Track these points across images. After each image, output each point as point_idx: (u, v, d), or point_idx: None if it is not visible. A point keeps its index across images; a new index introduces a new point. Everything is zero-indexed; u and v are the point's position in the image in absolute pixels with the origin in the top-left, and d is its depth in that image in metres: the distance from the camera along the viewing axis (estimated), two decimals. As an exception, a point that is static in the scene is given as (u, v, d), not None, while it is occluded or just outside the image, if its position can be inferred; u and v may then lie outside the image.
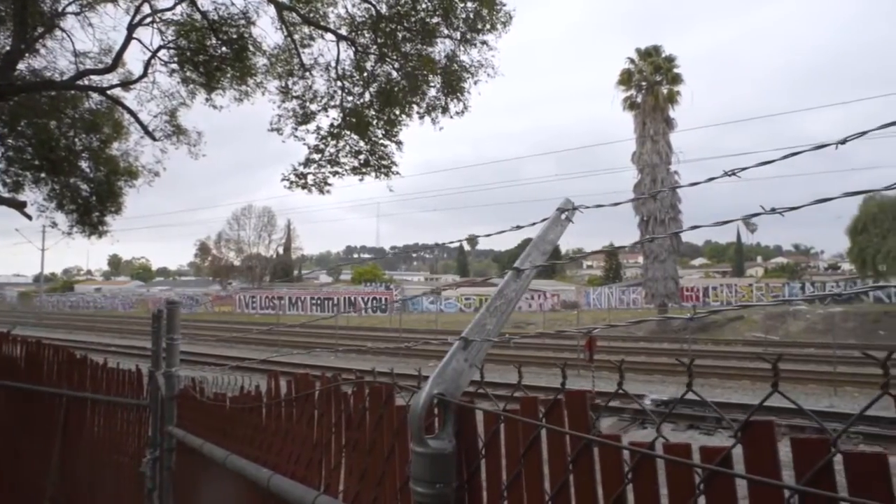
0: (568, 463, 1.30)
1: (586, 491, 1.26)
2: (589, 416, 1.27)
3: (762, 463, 0.99)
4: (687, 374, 1.06)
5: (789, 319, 35.37)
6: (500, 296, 1.71)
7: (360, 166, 15.06)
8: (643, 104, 36.13)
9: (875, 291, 42.68)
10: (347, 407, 2.25)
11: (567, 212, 1.85)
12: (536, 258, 1.77)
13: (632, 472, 1.17)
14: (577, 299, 56.80)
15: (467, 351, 1.59)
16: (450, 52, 14.25)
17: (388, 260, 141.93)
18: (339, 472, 2.30)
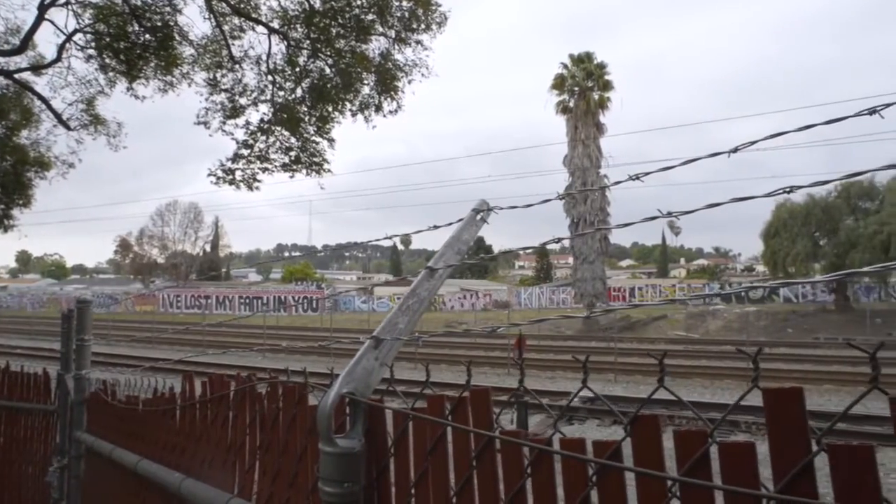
0: (472, 459, 1.32)
1: (489, 485, 1.29)
2: (491, 412, 1.30)
3: (648, 454, 1.03)
4: (583, 372, 1.09)
5: (709, 318, 37.08)
6: (412, 295, 1.71)
7: (290, 163, 14.77)
8: (575, 109, 37.04)
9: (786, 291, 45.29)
10: (261, 407, 2.21)
11: (482, 213, 1.88)
12: (451, 258, 1.78)
13: (531, 467, 1.20)
14: (508, 299, 57.66)
15: (378, 350, 1.59)
16: (384, 51, 14.17)
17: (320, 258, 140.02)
18: (254, 473, 2.26)
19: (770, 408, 0.91)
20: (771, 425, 0.91)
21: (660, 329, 36.08)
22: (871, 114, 1.20)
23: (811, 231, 35.55)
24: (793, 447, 0.89)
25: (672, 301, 1.56)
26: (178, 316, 57.35)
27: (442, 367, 21.38)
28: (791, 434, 0.89)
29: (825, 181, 1.16)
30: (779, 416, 0.90)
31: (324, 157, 14.71)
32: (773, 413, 0.91)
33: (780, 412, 0.90)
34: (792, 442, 0.89)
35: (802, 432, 0.89)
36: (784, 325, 35.46)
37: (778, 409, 0.91)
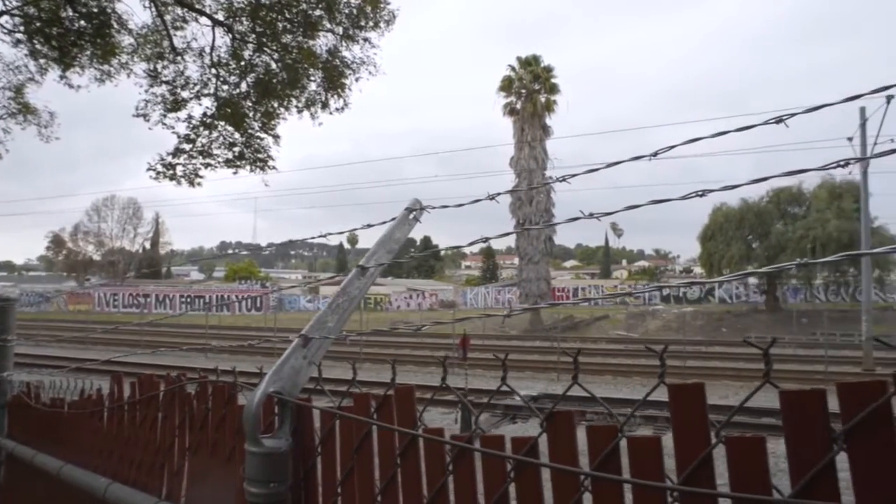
0: (396, 457, 1.33)
1: (412, 483, 1.30)
2: (415, 410, 1.31)
3: (562, 449, 1.06)
4: (502, 370, 1.11)
5: (648, 318, 38.15)
6: (343, 293, 1.71)
7: (234, 159, 14.44)
8: (522, 111, 37.52)
9: (721, 293, 47.05)
10: (191, 408, 2.16)
11: (415, 212, 1.89)
12: (382, 256, 1.79)
13: (452, 465, 1.22)
14: (454, 299, 57.94)
15: (307, 349, 1.58)
16: (332, 47, 14.02)
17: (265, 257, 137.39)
18: (182, 475, 2.21)
19: (674, 403, 0.96)
20: (675, 419, 0.95)
21: (602, 329, 36.93)
22: (778, 122, 1.27)
23: (745, 234, 37.03)
24: (694, 440, 0.93)
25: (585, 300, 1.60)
26: (114, 315, 55.30)
27: (386, 367, 21.30)
28: (692, 427, 0.94)
29: (734, 186, 1.22)
30: (682, 411, 0.95)
31: (269, 154, 14.45)
32: (676, 408, 0.95)
33: (683, 407, 0.95)
34: (693, 435, 0.94)
35: (703, 426, 0.93)
36: (719, 324, 36.84)
37: (681, 404, 0.95)
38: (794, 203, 37.14)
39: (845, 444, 0.82)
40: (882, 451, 0.79)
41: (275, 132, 14.40)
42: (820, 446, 0.83)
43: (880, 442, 0.79)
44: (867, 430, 0.80)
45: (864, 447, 0.80)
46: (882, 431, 0.79)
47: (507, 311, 1.36)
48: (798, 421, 0.85)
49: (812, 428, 0.84)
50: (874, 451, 0.80)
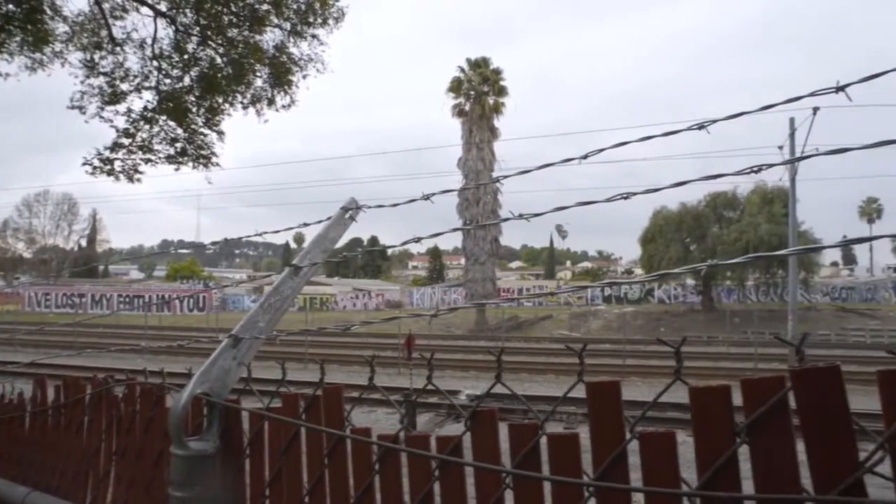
0: (324, 458, 1.32)
1: (340, 483, 1.29)
2: (343, 409, 1.30)
3: (485, 448, 1.08)
4: (428, 368, 1.12)
5: (591, 318, 38.96)
6: (275, 293, 1.69)
7: (176, 155, 13.99)
8: (471, 112, 37.74)
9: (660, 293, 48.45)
10: (118, 411, 2.09)
11: (351, 211, 1.87)
12: (316, 256, 1.77)
13: (379, 464, 1.22)
14: (401, 299, 57.79)
15: (237, 349, 1.55)
16: (279, 43, 13.77)
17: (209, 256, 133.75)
18: (108, 481, 2.13)
19: (591, 400, 0.98)
20: (592, 416, 0.98)
21: (545, 328, 37.50)
22: (700, 129, 1.32)
23: (683, 237, 38.26)
24: (609, 436, 0.96)
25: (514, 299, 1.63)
26: (47, 316, 52.83)
27: (334, 367, 21.07)
28: (608, 424, 0.97)
29: (657, 188, 1.27)
30: (598, 408, 0.98)
31: (212, 150, 14.06)
32: (593, 405, 0.98)
33: (599, 404, 0.98)
34: (609, 431, 0.96)
35: (618, 422, 0.96)
36: (658, 324, 37.94)
37: (597, 401, 0.98)
38: (729, 207, 38.59)
39: (748, 437, 0.86)
40: (780, 442, 0.83)
41: (219, 128, 14.04)
42: (725, 439, 0.87)
43: (778, 434, 0.84)
44: (767, 423, 0.84)
45: (764, 439, 0.84)
46: (780, 424, 0.84)
47: (434, 312, 1.37)
48: (705, 416, 0.89)
49: (718, 422, 0.88)
50: (773, 442, 0.84)
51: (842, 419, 0.80)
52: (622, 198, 1.25)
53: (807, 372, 0.82)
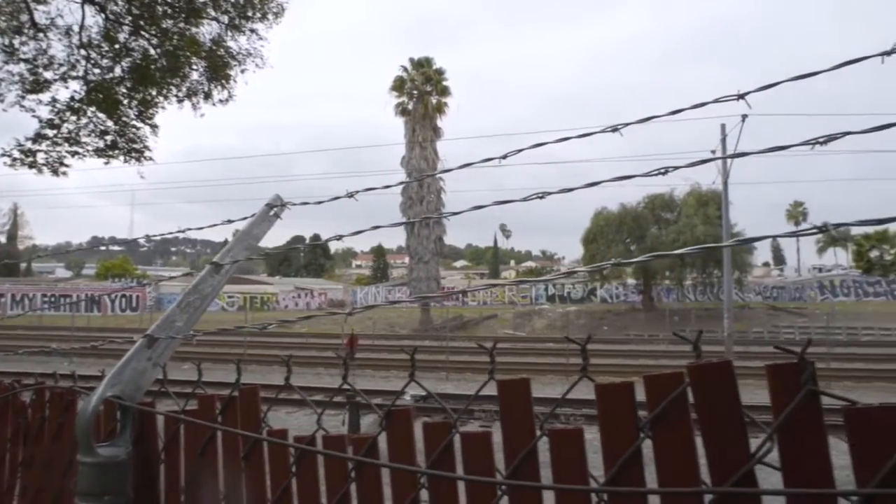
0: (241, 460, 1.28)
1: (257, 486, 1.26)
2: (259, 411, 1.27)
3: (401, 447, 1.07)
4: (343, 368, 1.10)
5: (535, 317, 39.52)
6: (194, 291, 1.63)
7: (106, 148, 13.42)
8: (414, 111, 37.70)
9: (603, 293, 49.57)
10: (25, 418, 1.98)
11: (276, 208, 1.83)
12: (239, 253, 1.72)
13: (295, 466, 1.19)
14: (344, 298, 57.21)
15: (152, 349, 1.49)
16: (216, 36, 13.39)
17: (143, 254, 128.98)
18: (13, 496, 2.01)
19: (501, 398, 0.99)
20: (503, 414, 0.98)
21: (490, 328, 37.83)
22: (613, 131, 1.35)
23: (624, 237, 39.26)
24: (520, 433, 0.97)
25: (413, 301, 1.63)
26: (-38, 316, 49.78)
27: (274, 368, 20.69)
28: (519, 421, 0.97)
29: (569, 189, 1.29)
30: (509, 406, 0.98)
31: (145, 144, 13.55)
32: (504, 403, 0.98)
33: (511, 402, 0.98)
34: (519, 429, 0.97)
35: (528, 419, 0.97)
36: (601, 322, 38.82)
37: (508, 399, 0.98)
38: (666, 209, 39.83)
39: (650, 432, 0.88)
40: (680, 436, 0.86)
41: (153, 121, 13.55)
42: (629, 434, 0.89)
43: (678, 428, 0.86)
44: (668, 418, 0.86)
45: (666, 434, 0.87)
46: (679, 418, 0.86)
47: (350, 310, 1.35)
48: (610, 412, 0.90)
49: (622, 418, 0.90)
50: (674, 437, 0.86)
51: (734, 412, 0.83)
52: (539, 197, 1.27)
53: (702, 367, 0.85)
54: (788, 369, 0.81)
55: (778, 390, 0.81)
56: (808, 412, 0.79)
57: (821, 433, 0.80)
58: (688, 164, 1.21)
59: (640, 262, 1.14)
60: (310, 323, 37.03)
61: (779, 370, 0.81)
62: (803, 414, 0.79)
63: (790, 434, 0.80)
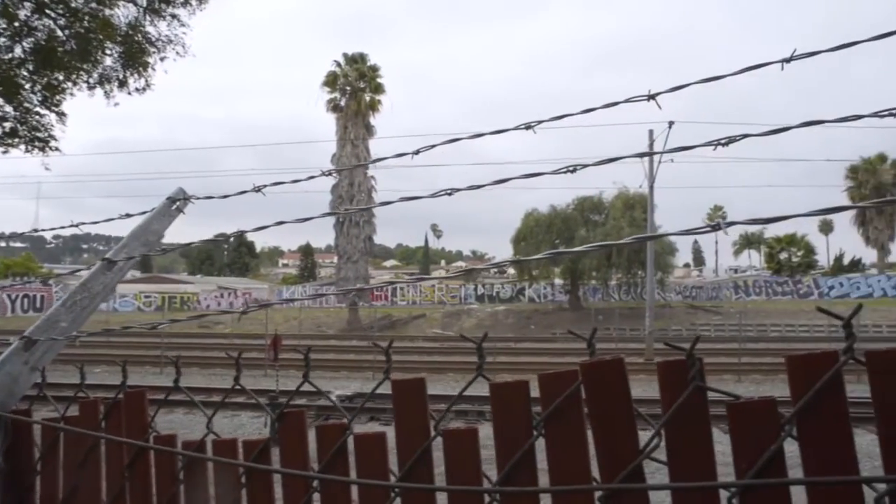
0: (124, 469, 1.19)
1: (142, 495, 1.18)
2: (147, 415, 1.19)
3: (293, 450, 1.02)
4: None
5: (464, 317, 39.82)
6: (83, 289, 1.51)
7: (4, 136, 12.54)
8: (346, 108, 37.21)
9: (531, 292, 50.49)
10: None
11: (179, 202, 1.73)
12: (135, 249, 1.61)
13: (184, 473, 1.12)
14: (269, 298, 55.88)
15: (30, 352, 1.37)
16: (133, 20, 12.76)
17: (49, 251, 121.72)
18: None
19: (395, 398, 0.96)
20: (397, 415, 0.95)
21: (419, 327, 37.84)
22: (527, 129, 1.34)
23: (553, 239, 40.09)
24: (414, 434, 0.94)
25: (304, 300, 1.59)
26: None
27: (193, 371, 19.97)
28: (413, 421, 0.95)
29: (478, 186, 1.28)
30: (403, 406, 0.95)
31: (50, 133, 12.73)
32: (397, 403, 0.95)
33: (405, 402, 0.95)
34: (414, 429, 0.94)
35: (423, 419, 0.94)
36: (528, 322, 39.53)
37: (402, 399, 0.95)
38: (595, 211, 40.96)
39: (544, 430, 0.87)
40: (572, 434, 0.85)
41: (59, 108, 12.75)
42: (523, 433, 0.88)
43: (572, 426, 0.85)
44: (561, 416, 0.85)
45: (558, 431, 0.86)
46: (573, 416, 0.85)
47: (243, 309, 1.28)
48: (504, 411, 0.89)
49: (516, 416, 0.88)
50: (567, 434, 0.85)
51: (625, 409, 0.83)
52: (447, 193, 1.25)
53: (594, 365, 0.84)
54: (677, 366, 0.81)
55: (667, 386, 0.82)
56: (695, 407, 0.80)
57: (706, 427, 0.81)
58: (595, 163, 1.22)
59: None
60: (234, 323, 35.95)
61: (668, 367, 0.82)
62: (690, 409, 0.80)
63: (678, 429, 0.81)
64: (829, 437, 0.77)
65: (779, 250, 60.23)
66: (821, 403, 0.77)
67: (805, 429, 0.78)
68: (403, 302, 51.08)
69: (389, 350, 0.96)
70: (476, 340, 0.93)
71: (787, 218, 0.91)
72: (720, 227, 0.90)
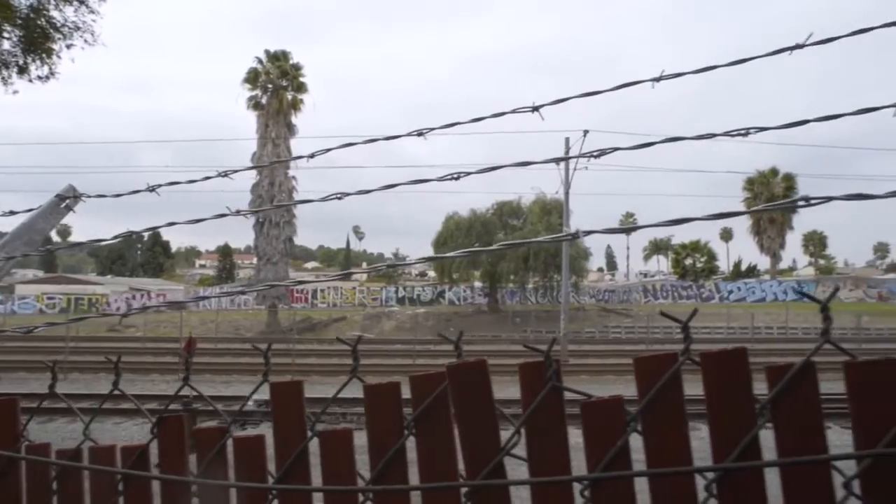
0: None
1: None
2: (18, 423, 1.15)
3: (172, 455, 1.02)
4: (115, 373, 1.03)
5: (384, 319, 39.69)
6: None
7: None
8: (267, 106, 36.30)
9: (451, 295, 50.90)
10: None
11: (69, 200, 1.67)
12: (17, 248, 1.54)
13: (57, 483, 1.10)
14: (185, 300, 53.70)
15: None
16: (36, 3, 12.01)
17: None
18: None
19: (273, 401, 0.97)
20: (275, 417, 0.97)
21: (339, 330, 37.41)
22: (419, 135, 1.39)
23: (472, 242, 40.57)
24: (292, 436, 0.96)
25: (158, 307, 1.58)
26: None
27: (101, 377, 18.99)
28: (290, 424, 0.97)
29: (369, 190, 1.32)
30: (280, 408, 0.97)
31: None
32: (275, 405, 0.97)
33: (282, 404, 0.97)
34: (291, 431, 0.96)
35: (300, 422, 0.97)
36: (448, 324, 39.83)
37: (279, 401, 0.97)
38: (513, 216, 41.80)
39: (415, 430, 0.91)
40: (442, 433, 0.90)
41: (-59, 93, 11.83)
42: (395, 433, 0.92)
43: (440, 425, 0.90)
44: (430, 416, 0.90)
45: (428, 431, 0.90)
46: (441, 416, 0.90)
47: (125, 312, 1.26)
48: (376, 411, 0.92)
49: (387, 417, 0.92)
50: (435, 433, 0.90)
51: (487, 408, 0.88)
52: (337, 198, 1.27)
53: (458, 367, 0.89)
54: (536, 367, 0.88)
55: (527, 386, 0.88)
56: (552, 407, 0.87)
57: (562, 426, 0.88)
58: (478, 171, 1.28)
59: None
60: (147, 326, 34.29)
61: (528, 368, 0.88)
62: (548, 408, 0.86)
63: (536, 427, 0.87)
64: (668, 430, 0.85)
65: (684, 256, 63.53)
66: (662, 400, 0.86)
67: (648, 424, 0.86)
68: (324, 304, 50.39)
69: (268, 353, 0.98)
70: (351, 343, 0.96)
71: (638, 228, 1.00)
72: (579, 237, 0.98)
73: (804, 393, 0.85)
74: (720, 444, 0.85)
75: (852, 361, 0.85)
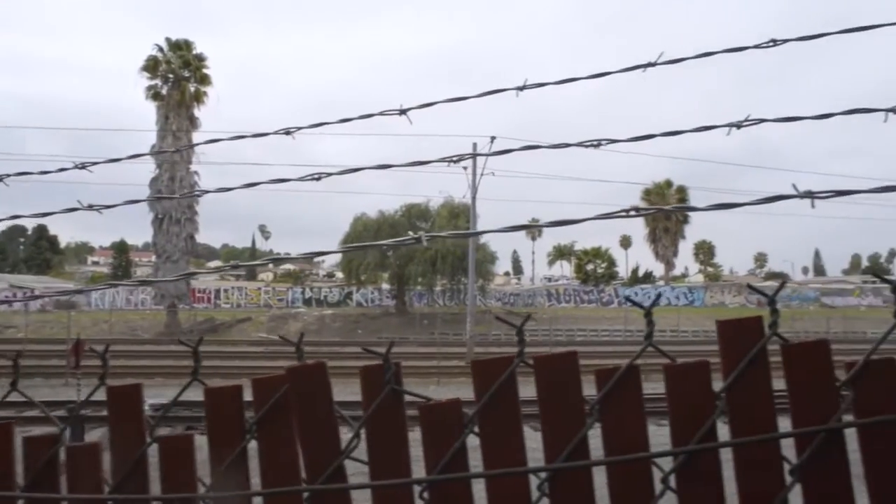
0: None
1: None
2: None
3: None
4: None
5: (290, 320, 38.81)
6: None
7: None
8: (168, 97, 34.63)
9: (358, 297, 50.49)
10: None
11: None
12: None
13: None
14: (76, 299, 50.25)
15: None
16: None
17: None
18: None
19: (110, 406, 0.94)
20: (111, 421, 0.94)
21: (244, 331, 36.24)
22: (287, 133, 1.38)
23: (381, 243, 40.48)
24: (129, 442, 0.94)
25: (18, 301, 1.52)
26: None
27: None
28: (128, 430, 0.94)
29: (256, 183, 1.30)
30: (118, 414, 0.94)
31: None
32: (111, 411, 0.94)
33: (120, 410, 0.94)
34: (128, 437, 0.94)
35: (139, 427, 0.94)
36: (355, 326, 39.47)
37: (117, 407, 0.94)
38: (422, 218, 41.98)
39: (257, 433, 0.91)
40: (282, 435, 0.90)
41: None
42: (237, 436, 0.91)
43: (282, 428, 0.90)
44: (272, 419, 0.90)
45: (269, 434, 0.90)
46: (282, 419, 0.90)
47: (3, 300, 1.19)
48: (217, 414, 0.92)
49: (229, 420, 0.91)
50: (276, 436, 0.90)
51: (326, 411, 0.90)
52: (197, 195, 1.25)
53: (297, 369, 0.90)
54: (376, 370, 0.90)
55: (367, 389, 0.89)
56: (392, 409, 0.89)
57: (402, 428, 0.90)
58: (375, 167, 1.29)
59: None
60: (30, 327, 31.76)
61: (368, 371, 0.90)
62: (387, 411, 0.89)
63: (376, 429, 0.89)
64: (504, 432, 0.90)
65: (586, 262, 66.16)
66: (499, 402, 0.90)
67: (485, 426, 0.90)
68: (227, 305, 48.63)
69: (106, 354, 0.94)
70: (191, 344, 0.95)
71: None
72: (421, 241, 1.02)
73: (629, 394, 0.92)
74: (551, 443, 0.90)
75: (670, 364, 0.92)
